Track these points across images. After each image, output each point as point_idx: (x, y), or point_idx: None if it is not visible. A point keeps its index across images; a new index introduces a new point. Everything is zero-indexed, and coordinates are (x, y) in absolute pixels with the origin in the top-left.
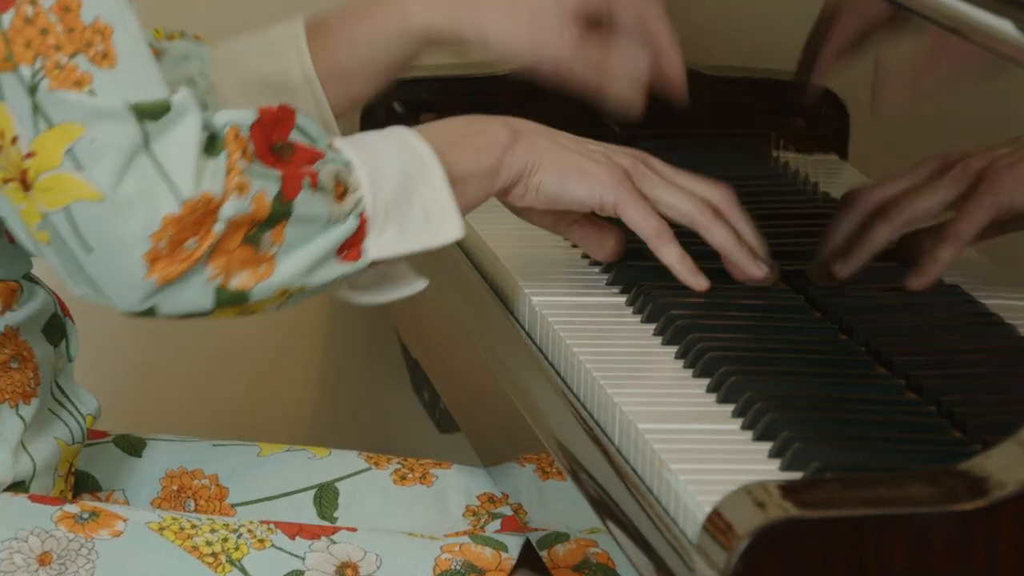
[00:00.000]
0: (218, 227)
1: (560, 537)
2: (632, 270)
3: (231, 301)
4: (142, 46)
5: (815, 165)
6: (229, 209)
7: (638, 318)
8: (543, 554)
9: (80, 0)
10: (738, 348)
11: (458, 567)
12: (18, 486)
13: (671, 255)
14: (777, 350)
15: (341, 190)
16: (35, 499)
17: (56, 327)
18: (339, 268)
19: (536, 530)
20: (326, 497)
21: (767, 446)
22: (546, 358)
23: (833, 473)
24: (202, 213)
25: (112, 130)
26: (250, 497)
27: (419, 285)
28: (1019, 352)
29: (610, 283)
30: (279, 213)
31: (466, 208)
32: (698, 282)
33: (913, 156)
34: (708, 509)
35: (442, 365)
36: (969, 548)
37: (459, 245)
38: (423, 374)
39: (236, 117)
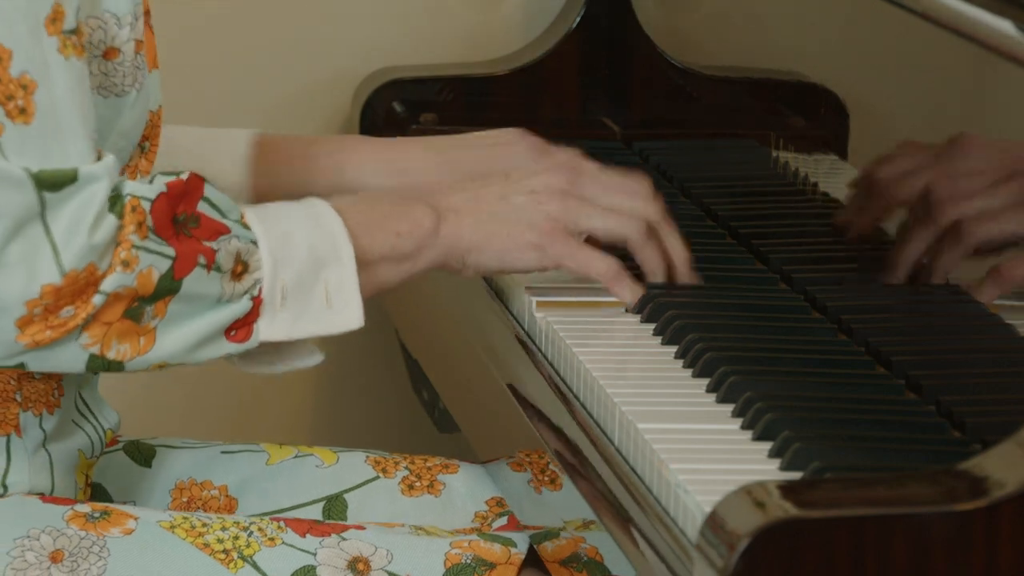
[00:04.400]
0: (97, 299)
1: (550, 534)
2: (632, 270)
3: (104, 369)
4: (68, 108)
5: (815, 165)
6: (111, 283)
7: (638, 318)
8: (544, 545)
9: (11, 52)
10: (738, 348)
11: (468, 561)
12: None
13: (625, 295)
14: (777, 350)
15: (240, 269)
16: (46, 499)
17: None
18: (227, 347)
19: (530, 528)
20: (335, 509)
21: (767, 446)
22: (546, 358)
23: (833, 473)
24: (84, 284)
25: (8, 195)
26: (260, 509)
27: (315, 359)
28: (1019, 352)
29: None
30: (165, 289)
31: (378, 290)
32: (634, 295)
33: None
34: (708, 509)
35: (441, 365)
36: (969, 548)
37: None
38: (423, 374)
39: (141, 190)
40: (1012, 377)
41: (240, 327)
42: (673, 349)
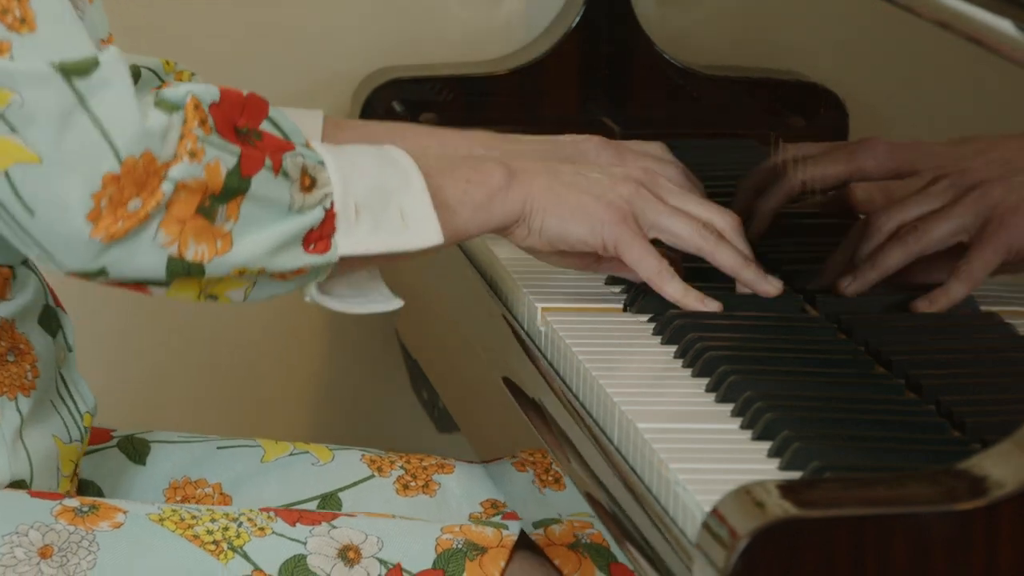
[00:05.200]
0: (166, 187)
1: (556, 520)
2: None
3: (185, 273)
4: (62, 8)
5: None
6: (178, 171)
7: (638, 318)
8: (539, 532)
9: None
10: (737, 348)
11: (460, 546)
12: (19, 485)
13: (674, 291)
14: (776, 350)
15: (308, 181)
16: (34, 494)
17: (51, 317)
18: (305, 258)
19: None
20: (329, 507)
21: (766, 445)
22: (545, 358)
23: (832, 472)
24: (144, 172)
25: (41, 92)
26: (253, 507)
27: (394, 304)
28: (1018, 352)
29: (610, 283)
30: (235, 187)
31: (454, 237)
32: (708, 307)
33: None
34: (707, 508)
35: (441, 365)
36: (969, 548)
37: (459, 246)
38: (423, 374)
39: (198, 90)
40: (1012, 377)
41: (317, 239)
42: (673, 348)
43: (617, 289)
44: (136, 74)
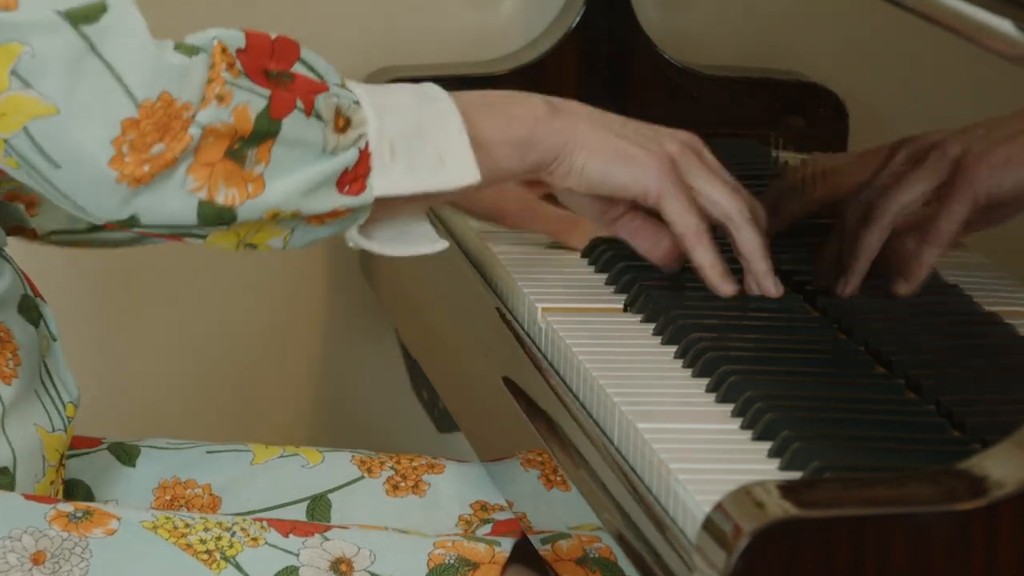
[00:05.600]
0: (193, 130)
1: (562, 535)
2: (631, 270)
3: (217, 217)
4: None
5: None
6: (206, 116)
7: (638, 318)
8: (547, 547)
9: None
10: (737, 348)
11: (452, 561)
12: (3, 474)
13: (704, 257)
14: (776, 350)
15: (342, 122)
16: (28, 498)
17: (31, 307)
18: (340, 199)
19: (537, 532)
20: (319, 509)
21: (766, 446)
22: (545, 358)
23: (833, 473)
24: (165, 115)
25: (50, 41)
26: (243, 508)
27: (439, 245)
28: (1018, 352)
29: (610, 283)
30: (264, 131)
31: (493, 175)
32: (727, 286)
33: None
34: (707, 509)
35: (441, 365)
36: (969, 548)
37: (459, 246)
38: (423, 374)
39: (225, 35)
40: (1012, 377)
41: (352, 180)
42: (673, 349)
43: (617, 289)
44: None
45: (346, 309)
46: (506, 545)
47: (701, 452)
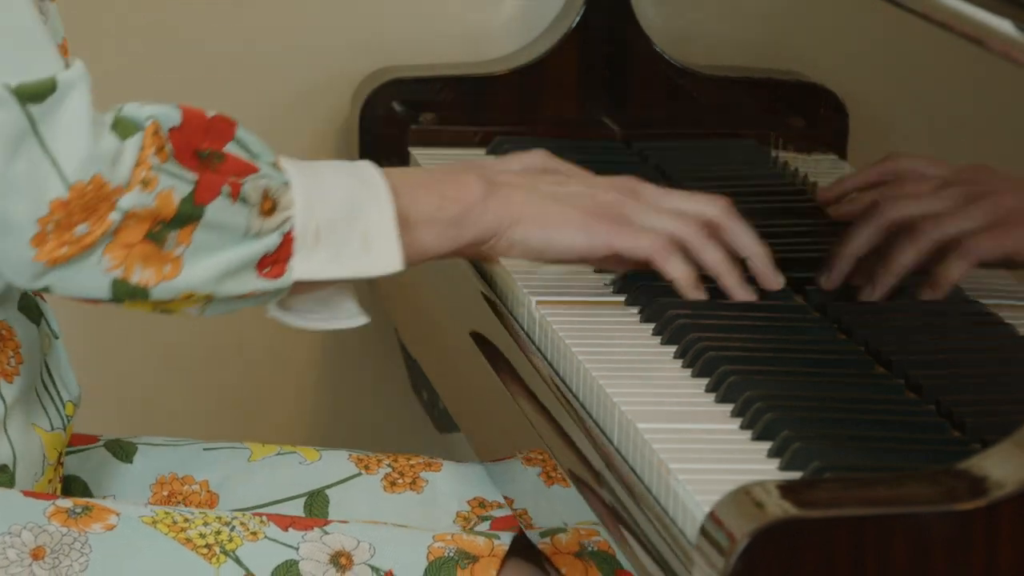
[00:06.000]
0: (114, 216)
1: (561, 529)
2: (631, 270)
3: (131, 295)
4: (25, 18)
5: (815, 165)
6: (128, 201)
7: (638, 318)
8: (545, 541)
9: None
10: (737, 348)
11: (451, 554)
12: (3, 472)
13: (674, 270)
14: (776, 350)
15: (269, 205)
16: (27, 494)
17: (31, 305)
18: (258, 283)
19: (538, 529)
20: (316, 504)
21: (766, 446)
22: (545, 358)
23: (832, 473)
24: (94, 198)
25: None
26: (240, 504)
27: (359, 320)
28: (1018, 352)
29: (609, 283)
30: (187, 215)
31: (421, 254)
32: (696, 295)
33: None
34: (707, 509)
35: (441, 365)
36: (969, 548)
37: None
38: (422, 374)
39: (159, 113)
40: (1012, 377)
41: (272, 264)
42: (672, 349)
43: (616, 289)
44: None
45: None
46: (505, 539)
47: (701, 452)
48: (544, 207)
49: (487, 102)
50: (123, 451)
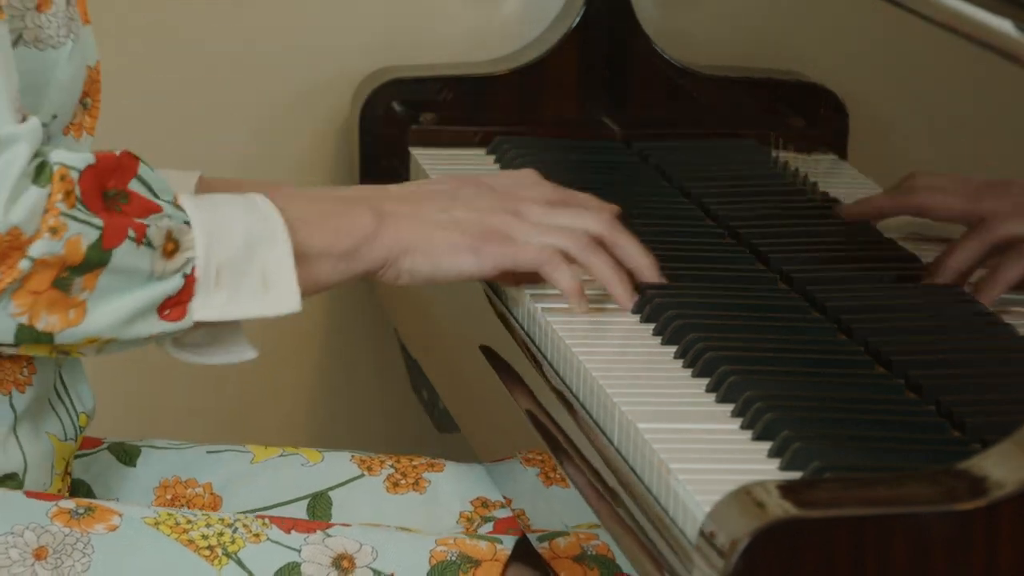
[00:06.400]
0: (24, 264)
1: (560, 533)
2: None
3: (34, 340)
4: None
5: (815, 165)
6: (38, 248)
7: (637, 318)
8: (544, 545)
9: None
10: (737, 348)
11: (454, 558)
12: (11, 480)
13: (562, 278)
14: (776, 350)
15: (171, 247)
16: (30, 495)
17: None
18: (159, 325)
19: (537, 531)
20: (319, 506)
21: (766, 446)
22: (545, 358)
23: (833, 473)
24: (8, 247)
25: None
26: (244, 507)
27: (249, 354)
28: (1019, 352)
29: None
30: (94, 260)
31: (316, 286)
32: (580, 305)
33: (912, 155)
34: (708, 509)
35: (441, 365)
36: (969, 548)
37: None
38: (422, 374)
39: (69, 159)
40: (1012, 377)
41: (173, 306)
42: (673, 349)
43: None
44: None
45: (346, 309)
46: (508, 543)
47: (701, 452)
48: (430, 234)
49: (487, 102)
50: (126, 454)
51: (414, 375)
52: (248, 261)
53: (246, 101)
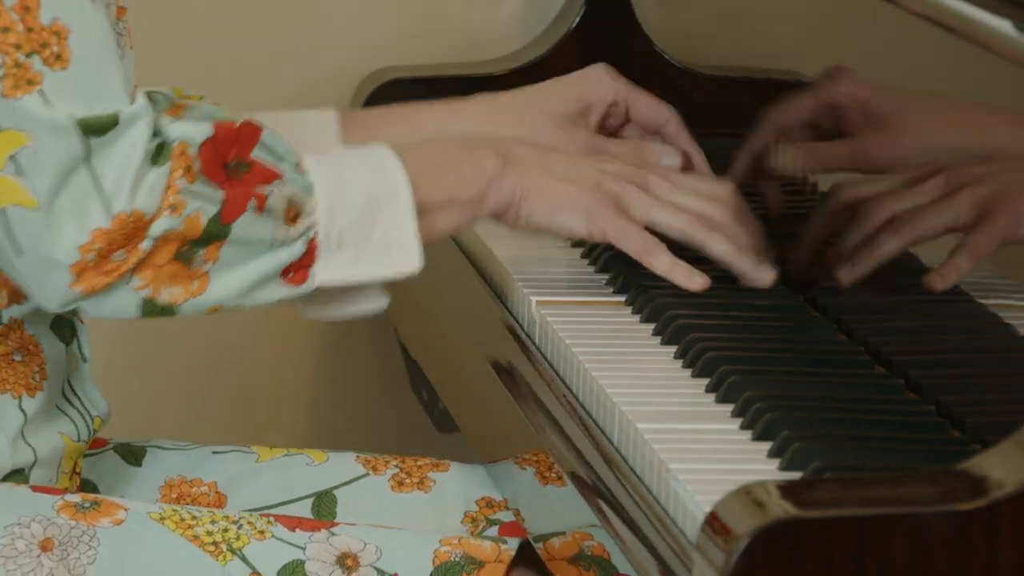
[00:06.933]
0: (146, 244)
1: (557, 533)
2: (631, 270)
3: (159, 313)
4: (102, 49)
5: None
6: (159, 226)
7: (637, 318)
8: (539, 546)
9: (39, 0)
10: (737, 348)
11: (457, 559)
12: (18, 474)
13: (661, 264)
14: (776, 350)
15: (293, 213)
16: (36, 489)
17: (65, 324)
18: (282, 290)
19: (535, 532)
20: (324, 505)
21: (766, 446)
22: (545, 358)
23: (832, 473)
24: (133, 228)
25: (56, 144)
26: (249, 505)
27: (381, 303)
28: (1018, 352)
29: (609, 283)
30: (214, 234)
31: (441, 235)
32: (695, 281)
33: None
34: (707, 509)
35: (441, 365)
36: (969, 548)
37: (458, 245)
38: (422, 374)
39: (189, 132)
40: (1012, 377)
41: (296, 270)
42: (673, 349)
43: (616, 289)
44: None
45: None
46: (512, 544)
47: (701, 452)
48: (553, 186)
49: None
50: (132, 455)
51: (414, 375)
52: (370, 224)
53: (246, 101)
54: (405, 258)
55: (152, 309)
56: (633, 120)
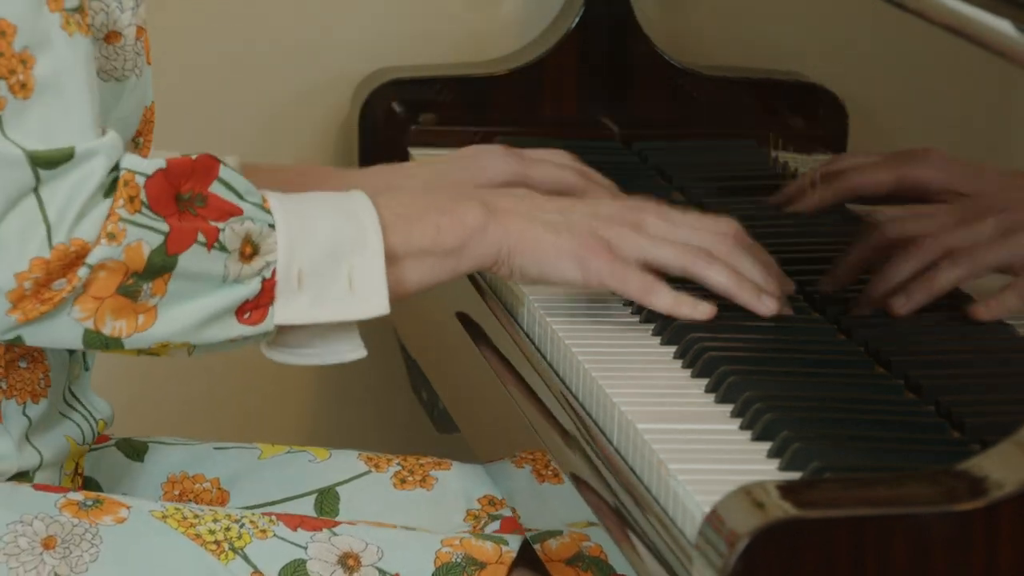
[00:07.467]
0: (82, 272)
1: (554, 533)
2: None
3: (103, 345)
4: (69, 82)
5: (815, 165)
6: (96, 255)
7: (637, 318)
8: (536, 547)
9: (15, 27)
10: (737, 348)
11: (459, 560)
12: (22, 476)
13: (663, 302)
14: (776, 350)
15: (249, 250)
16: (39, 487)
17: None
18: (239, 328)
19: (531, 531)
20: (327, 501)
21: (766, 446)
22: (545, 358)
23: (832, 473)
24: (74, 257)
25: (6, 174)
26: (251, 501)
27: (357, 353)
28: (1018, 352)
29: None
30: (159, 265)
31: (415, 287)
32: (700, 311)
33: None
34: (707, 509)
35: (441, 365)
36: (968, 548)
37: None
38: (422, 374)
39: (137, 163)
40: (1012, 377)
41: (253, 309)
42: (672, 349)
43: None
44: None
45: None
46: (513, 544)
47: (700, 452)
48: (540, 238)
49: (487, 102)
50: (134, 450)
51: (414, 375)
52: (333, 265)
53: (246, 101)
54: (372, 300)
55: (96, 341)
56: (538, 190)
